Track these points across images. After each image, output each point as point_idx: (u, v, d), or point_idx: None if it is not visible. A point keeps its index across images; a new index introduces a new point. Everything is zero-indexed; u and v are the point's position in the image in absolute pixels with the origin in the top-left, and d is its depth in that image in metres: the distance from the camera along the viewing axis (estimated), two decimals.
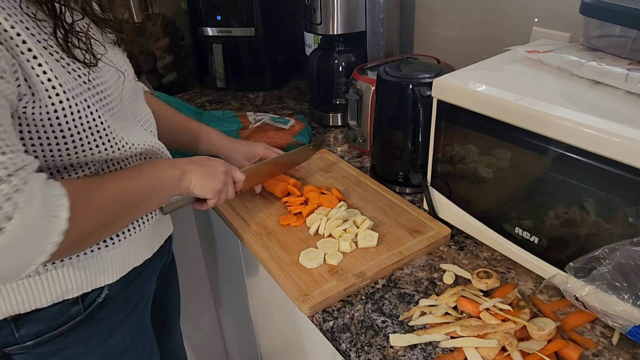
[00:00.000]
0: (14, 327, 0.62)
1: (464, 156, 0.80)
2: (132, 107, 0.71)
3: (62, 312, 0.64)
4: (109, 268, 0.67)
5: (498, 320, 0.65)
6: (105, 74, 0.62)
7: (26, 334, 0.63)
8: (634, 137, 0.57)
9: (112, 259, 0.67)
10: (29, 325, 0.63)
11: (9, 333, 0.62)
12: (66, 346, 0.66)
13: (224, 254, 1.19)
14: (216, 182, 0.75)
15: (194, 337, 1.43)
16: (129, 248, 0.70)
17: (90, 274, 0.65)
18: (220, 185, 0.75)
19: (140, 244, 0.72)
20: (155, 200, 0.68)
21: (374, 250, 0.82)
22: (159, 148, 0.74)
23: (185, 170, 0.71)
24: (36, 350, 0.64)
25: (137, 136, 0.68)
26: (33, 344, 0.64)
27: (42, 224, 0.47)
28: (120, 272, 0.69)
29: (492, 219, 0.80)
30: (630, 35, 0.74)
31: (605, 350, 0.64)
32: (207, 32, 1.46)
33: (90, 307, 0.67)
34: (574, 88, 0.72)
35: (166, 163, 0.70)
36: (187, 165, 0.72)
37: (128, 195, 0.62)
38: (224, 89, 1.54)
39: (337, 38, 1.22)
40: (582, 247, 0.67)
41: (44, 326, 0.64)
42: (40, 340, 0.64)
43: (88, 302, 0.66)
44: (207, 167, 0.75)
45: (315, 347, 0.85)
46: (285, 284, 0.76)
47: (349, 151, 1.17)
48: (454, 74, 0.80)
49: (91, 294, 0.66)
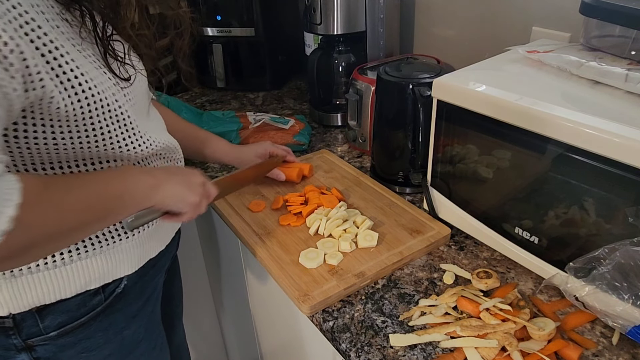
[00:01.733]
0: (38, 318, 0.63)
1: (464, 156, 0.80)
2: (147, 106, 0.72)
3: (84, 303, 0.65)
4: (129, 259, 0.69)
5: (498, 320, 0.65)
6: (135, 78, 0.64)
7: (50, 325, 0.64)
8: (634, 137, 0.57)
9: (132, 250, 0.69)
10: (53, 316, 0.64)
11: (33, 324, 0.63)
12: (87, 336, 0.67)
13: (224, 254, 1.19)
14: (193, 194, 0.68)
15: (194, 336, 1.43)
16: (146, 239, 0.71)
17: (111, 265, 0.66)
18: (198, 198, 0.69)
19: (156, 235, 0.73)
20: (126, 209, 0.61)
21: (374, 250, 0.82)
22: (175, 145, 0.75)
23: (161, 179, 0.64)
24: (59, 340, 0.65)
25: (155, 133, 0.69)
26: (56, 335, 0.65)
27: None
28: (139, 263, 0.71)
29: (492, 219, 0.80)
30: (630, 35, 0.74)
31: (605, 350, 0.64)
32: (207, 32, 1.46)
33: (110, 297, 0.68)
34: (574, 88, 0.72)
35: (141, 170, 0.65)
36: (163, 175, 0.66)
37: (97, 200, 0.56)
38: (224, 89, 1.54)
39: (337, 38, 1.22)
40: (582, 247, 0.67)
41: (67, 317, 0.65)
42: (63, 330, 0.65)
43: (108, 292, 0.68)
44: (185, 177, 0.69)
45: (315, 347, 0.85)
46: (285, 284, 0.76)
47: (349, 151, 1.17)
48: (454, 74, 0.80)
49: (111, 285, 0.68)
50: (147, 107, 0.72)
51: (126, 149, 0.63)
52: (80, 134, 0.57)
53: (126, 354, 0.73)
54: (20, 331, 0.63)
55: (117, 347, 0.72)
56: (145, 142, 0.66)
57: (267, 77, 1.52)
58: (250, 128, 1.19)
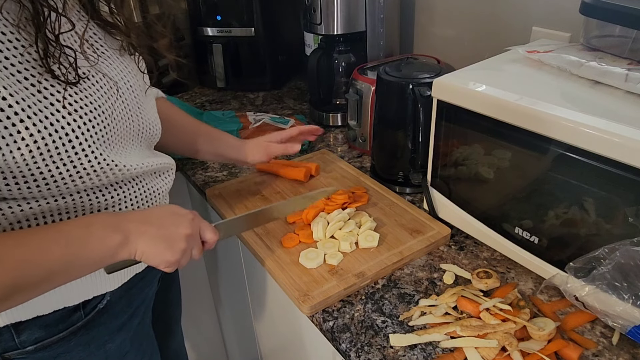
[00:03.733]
0: (14, 333, 0.61)
1: (464, 156, 0.80)
2: (133, 123, 0.63)
3: (63, 319, 0.63)
4: (112, 276, 0.66)
5: (498, 320, 0.65)
6: (90, 89, 0.55)
7: (26, 340, 0.62)
8: (634, 137, 0.57)
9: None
10: (30, 331, 0.62)
11: (10, 338, 0.62)
12: (66, 350, 0.65)
13: (224, 254, 1.19)
14: (172, 251, 0.59)
15: (194, 337, 1.43)
16: None
17: (92, 282, 0.64)
18: (178, 255, 0.60)
19: None
20: (90, 268, 0.56)
21: (374, 250, 0.82)
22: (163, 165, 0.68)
23: (131, 233, 0.56)
24: (36, 354, 0.64)
25: (135, 157, 0.63)
26: (34, 349, 0.63)
27: None
28: (122, 279, 0.69)
29: (492, 219, 0.80)
30: (630, 35, 0.74)
31: (605, 350, 0.64)
32: (207, 32, 1.46)
33: (91, 313, 0.66)
34: (574, 88, 0.72)
35: (107, 223, 0.56)
36: (137, 227, 0.57)
37: (31, 267, 0.50)
38: (224, 89, 1.54)
39: (337, 38, 1.22)
40: (582, 247, 0.67)
41: (45, 332, 0.63)
42: (40, 345, 0.63)
43: (89, 308, 0.66)
44: (165, 229, 0.59)
45: (315, 347, 0.85)
46: (285, 284, 0.76)
47: (349, 151, 1.17)
48: (454, 74, 0.80)
49: (92, 301, 0.66)
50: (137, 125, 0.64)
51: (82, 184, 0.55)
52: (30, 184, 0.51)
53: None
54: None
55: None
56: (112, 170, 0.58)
57: (267, 77, 1.52)
58: (250, 128, 1.19)
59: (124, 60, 0.64)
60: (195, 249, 0.63)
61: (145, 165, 0.65)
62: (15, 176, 0.50)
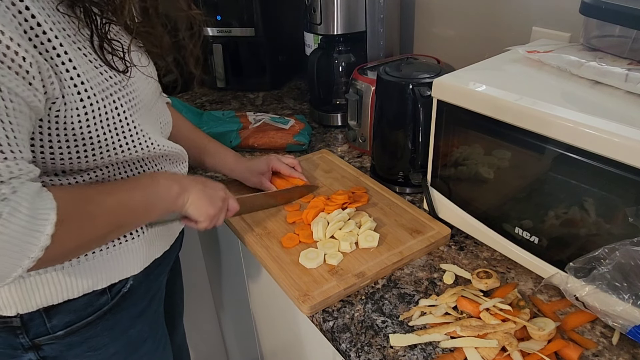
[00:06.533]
0: (45, 318, 0.64)
1: (464, 156, 0.80)
2: (156, 110, 0.72)
3: (91, 302, 0.66)
4: (135, 259, 0.69)
5: (498, 320, 0.65)
6: (135, 75, 0.64)
7: (57, 324, 0.65)
8: (634, 137, 0.57)
9: (138, 250, 0.69)
10: (60, 316, 0.64)
11: (41, 323, 0.64)
12: (93, 335, 0.68)
13: (224, 254, 1.19)
14: (213, 206, 0.72)
15: (194, 336, 1.43)
16: (152, 239, 0.71)
17: (118, 265, 0.67)
18: (216, 210, 0.73)
19: (162, 235, 0.74)
20: (149, 216, 0.66)
21: (374, 250, 0.82)
22: (180, 151, 0.75)
23: (185, 187, 0.68)
24: (65, 340, 0.66)
25: (160, 137, 0.69)
26: (63, 334, 0.65)
27: (24, 237, 0.46)
28: (145, 263, 0.71)
29: (492, 219, 0.80)
30: (630, 35, 0.74)
31: (605, 350, 0.64)
32: (207, 32, 1.46)
33: (116, 297, 0.69)
34: (574, 88, 0.72)
35: (169, 177, 0.69)
36: (190, 182, 0.70)
37: (124, 210, 0.60)
38: (224, 89, 1.54)
39: (337, 38, 1.22)
40: (582, 247, 0.67)
41: (74, 316, 0.65)
42: (70, 329, 0.65)
43: (115, 292, 0.68)
44: (209, 188, 0.73)
45: (315, 347, 0.85)
46: (285, 284, 0.76)
47: (349, 151, 1.17)
48: (454, 74, 0.80)
49: (118, 284, 0.68)
50: (155, 109, 0.72)
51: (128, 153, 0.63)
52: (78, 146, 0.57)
53: (131, 352, 0.74)
54: (28, 331, 0.63)
55: (123, 345, 0.72)
56: (149, 145, 0.66)
57: (267, 77, 1.52)
58: (250, 128, 1.19)
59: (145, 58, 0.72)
60: (222, 214, 0.76)
61: (168, 147, 0.71)
62: (68, 139, 0.56)
